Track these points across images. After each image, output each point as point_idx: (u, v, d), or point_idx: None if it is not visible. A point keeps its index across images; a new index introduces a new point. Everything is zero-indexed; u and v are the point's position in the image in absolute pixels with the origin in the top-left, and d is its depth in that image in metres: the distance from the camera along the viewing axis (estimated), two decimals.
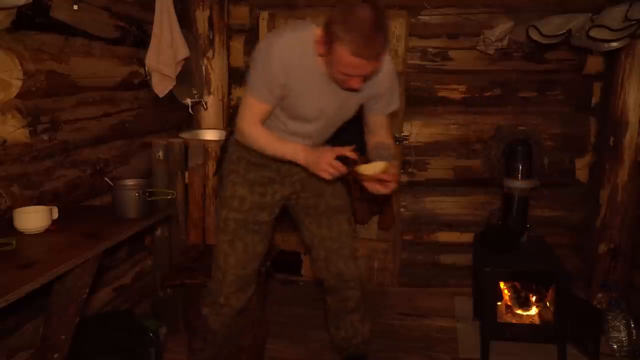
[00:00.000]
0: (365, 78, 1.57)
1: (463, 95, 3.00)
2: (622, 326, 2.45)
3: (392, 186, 1.66)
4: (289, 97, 1.68)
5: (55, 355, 1.57)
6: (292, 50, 1.59)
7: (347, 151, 1.62)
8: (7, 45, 1.62)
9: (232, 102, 3.09)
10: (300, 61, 1.59)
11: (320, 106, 1.72)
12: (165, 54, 2.45)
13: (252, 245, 1.88)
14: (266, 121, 1.76)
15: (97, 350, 1.86)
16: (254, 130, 1.72)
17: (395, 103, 1.84)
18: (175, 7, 2.50)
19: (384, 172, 1.62)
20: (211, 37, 2.82)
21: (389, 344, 2.56)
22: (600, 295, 2.77)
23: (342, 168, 1.59)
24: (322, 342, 2.56)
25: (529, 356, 2.41)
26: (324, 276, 2.01)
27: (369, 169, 1.62)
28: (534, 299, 2.58)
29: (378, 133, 1.87)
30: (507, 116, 2.97)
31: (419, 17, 2.92)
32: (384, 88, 1.75)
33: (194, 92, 2.79)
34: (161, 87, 2.53)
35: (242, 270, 1.88)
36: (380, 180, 1.64)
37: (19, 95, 1.66)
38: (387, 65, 1.71)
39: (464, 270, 3.08)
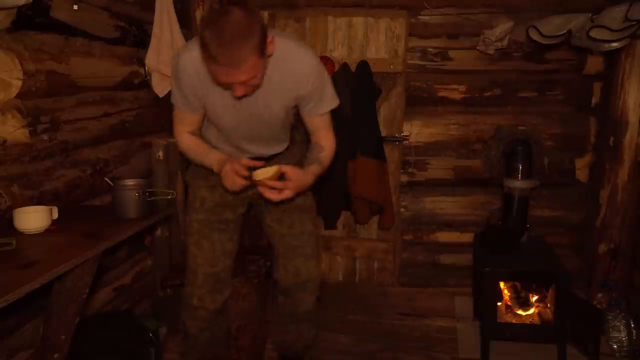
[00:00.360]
0: (248, 85, 1.47)
1: (463, 95, 3.00)
2: (622, 326, 2.46)
3: (285, 193, 1.61)
4: (206, 106, 1.69)
5: (55, 355, 1.57)
6: (198, 64, 1.53)
7: (253, 162, 1.63)
8: (7, 45, 1.62)
9: None
10: (207, 74, 1.53)
11: (236, 115, 1.69)
12: (165, 54, 2.45)
13: (220, 244, 1.88)
14: (206, 130, 1.83)
15: (97, 350, 1.86)
16: (184, 139, 1.78)
17: (327, 104, 1.72)
18: (175, 7, 2.50)
19: (275, 177, 1.59)
20: None
21: (389, 344, 2.56)
22: (600, 295, 2.77)
23: (241, 177, 1.59)
24: (322, 342, 2.56)
25: (529, 356, 2.41)
26: (281, 276, 1.97)
27: (259, 174, 1.60)
28: (534, 299, 2.58)
29: (316, 134, 1.81)
30: (507, 116, 2.97)
31: (419, 17, 2.92)
32: (307, 90, 1.65)
33: None
34: (161, 87, 2.53)
35: (211, 269, 1.87)
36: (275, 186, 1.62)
37: (19, 95, 1.66)
38: (309, 65, 1.63)
39: (464, 270, 3.08)
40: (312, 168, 1.75)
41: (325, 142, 1.79)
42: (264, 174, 1.60)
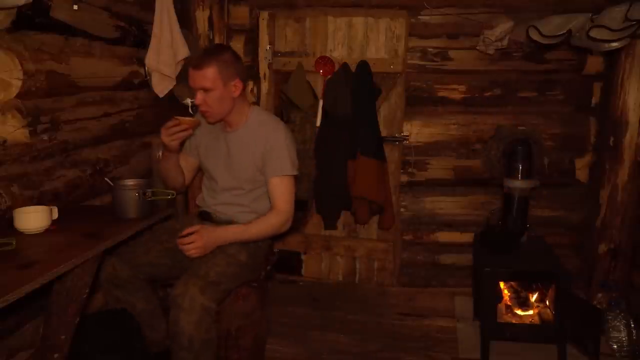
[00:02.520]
0: (207, 99, 1.90)
1: (463, 95, 3.00)
2: (622, 326, 2.45)
3: (194, 244, 1.90)
4: (197, 148, 2.16)
5: (55, 355, 1.57)
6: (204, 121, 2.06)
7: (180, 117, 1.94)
8: (7, 45, 1.62)
9: None
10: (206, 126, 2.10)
11: (212, 156, 2.10)
12: (165, 54, 2.45)
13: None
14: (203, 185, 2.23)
15: (97, 348, 1.85)
16: None
17: (280, 170, 1.98)
18: (175, 7, 2.50)
19: (193, 124, 1.93)
20: (211, 37, 2.82)
21: (389, 344, 2.56)
22: (600, 295, 2.77)
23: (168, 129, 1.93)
24: (322, 342, 2.57)
25: (529, 356, 2.41)
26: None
27: (180, 118, 1.93)
28: (534, 299, 2.58)
29: (272, 200, 2.02)
30: (507, 116, 2.97)
31: (419, 17, 2.92)
32: (267, 146, 1.98)
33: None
34: (161, 87, 2.53)
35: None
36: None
37: (19, 95, 1.66)
38: (273, 129, 2.01)
39: (464, 270, 3.08)
40: (242, 228, 1.97)
41: (277, 203, 2.00)
42: (184, 120, 1.92)
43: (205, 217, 2.14)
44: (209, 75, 1.86)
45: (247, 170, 2.03)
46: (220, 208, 2.11)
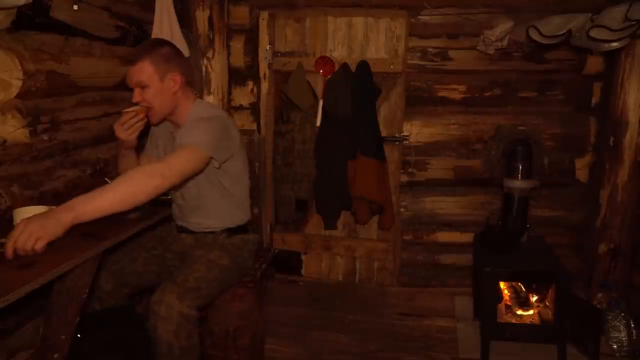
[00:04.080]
0: (143, 95, 1.83)
1: (463, 95, 3.00)
2: (622, 326, 2.45)
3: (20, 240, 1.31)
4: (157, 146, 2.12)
5: (55, 355, 1.57)
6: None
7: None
8: (7, 45, 1.62)
9: (232, 102, 3.09)
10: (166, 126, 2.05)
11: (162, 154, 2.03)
12: None
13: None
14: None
15: (98, 346, 1.84)
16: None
17: (192, 138, 1.74)
18: (175, 7, 2.50)
19: (140, 113, 1.85)
20: (211, 37, 2.82)
21: (389, 344, 2.56)
22: (600, 295, 2.77)
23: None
24: (322, 342, 2.57)
25: (529, 356, 2.41)
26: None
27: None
28: (534, 299, 2.58)
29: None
30: (507, 116, 2.97)
31: (419, 17, 2.92)
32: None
33: (194, 92, 2.78)
34: None
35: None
36: None
37: (19, 95, 1.66)
38: (206, 108, 1.98)
39: (464, 270, 3.08)
40: (92, 191, 1.50)
41: (167, 158, 1.68)
42: (134, 109, 1.86)
43: (183, 231, 2.11)
44: (143, 69, 1.79)
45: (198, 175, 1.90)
46: (190, 218, 2.06)
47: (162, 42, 1.92)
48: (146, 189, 1.54)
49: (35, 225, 1.32)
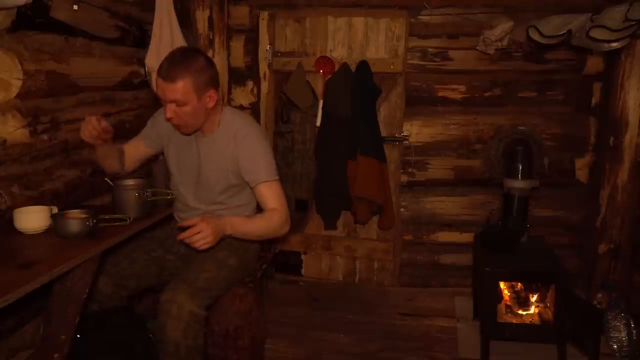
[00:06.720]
0: (178, 112, 1.71)
1: (463, 95, 3.00)
2: (622, 326, 2.45)
3: (199, 229, 1.64)
4: (164, 149, 1.99)
5: (55, 355, 1.57)
6: None
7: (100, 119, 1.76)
8: (7, 45, 1.62)
9: (232, 103, 3.09)
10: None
11: (181, 161, 1.93)
12: (165, 53, 2.43)
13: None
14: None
15: (98, 346, 1.85)
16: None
17: (261, 177, 1.82)
18: (175, 7, 2.50)
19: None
20: (211, 37, 2.82)
21: (389, 344, 2.56)
22: (600, 295, 2.77)
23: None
24: (322, 342, 2.57)
25: (529, 356, 2.41)
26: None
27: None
28: (534, 299, 2.57)
29: (264, 205, 1.86)
30: (507, 116, 2.97)
31: (419, 17, 2.92)
32: (241, 154, 1.82)
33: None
34: None
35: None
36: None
37: (19, 95, 1.66)
38: (247, 134, 1.84)
39: (464, 270, 3.08)
40: (245, 218, 1.84)
41: (273, 204, 1.83)
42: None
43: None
44: (181, 88, 1.66)
45: (220, 181, 1.90)
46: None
47: (197, 54, 1.76)
48: (277, 233, 1.88)
49: (211, 232, 1.63)
